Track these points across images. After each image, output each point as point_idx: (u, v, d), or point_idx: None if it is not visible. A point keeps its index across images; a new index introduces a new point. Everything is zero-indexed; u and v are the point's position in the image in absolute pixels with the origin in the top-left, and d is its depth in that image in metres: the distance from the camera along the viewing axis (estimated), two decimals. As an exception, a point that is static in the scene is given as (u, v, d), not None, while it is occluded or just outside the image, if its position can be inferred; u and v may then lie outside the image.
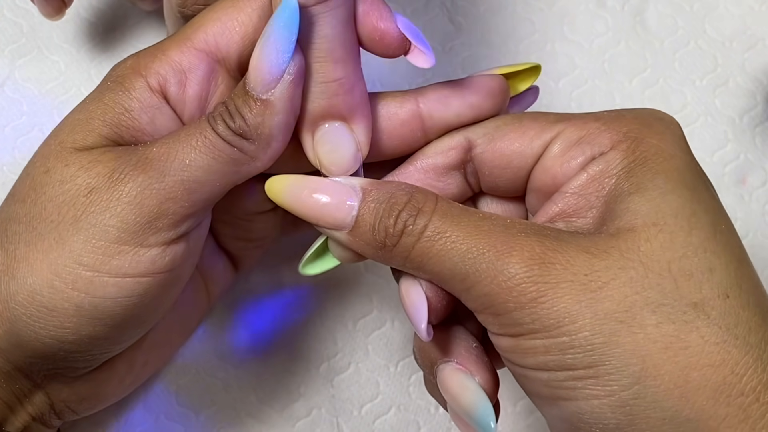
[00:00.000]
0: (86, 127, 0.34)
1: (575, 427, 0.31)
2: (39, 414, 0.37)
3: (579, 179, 0.33)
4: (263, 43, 0.33)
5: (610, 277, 0.30)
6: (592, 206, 0.33)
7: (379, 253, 0.33)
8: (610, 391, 0.30)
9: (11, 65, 0.49)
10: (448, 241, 0.32)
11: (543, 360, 0.31)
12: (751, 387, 0.29)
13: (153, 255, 0.33)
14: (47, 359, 0.34)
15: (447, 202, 0.33)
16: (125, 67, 0.36)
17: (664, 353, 0.29)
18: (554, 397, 0.31)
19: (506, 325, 0.31)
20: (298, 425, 0.46)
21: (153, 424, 0.45)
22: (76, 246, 0.32)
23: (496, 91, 0.36)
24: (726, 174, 0.52)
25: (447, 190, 0.37)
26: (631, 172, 0.33)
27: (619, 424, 0.30)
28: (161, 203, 0.33)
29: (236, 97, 0.34)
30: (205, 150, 0.33)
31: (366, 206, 0.33)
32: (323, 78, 0.34)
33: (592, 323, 0.30)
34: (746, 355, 0.29)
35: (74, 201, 0.33)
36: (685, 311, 0.30)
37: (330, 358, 0.47)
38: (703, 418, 0.29)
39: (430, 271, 0.32)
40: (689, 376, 0.29)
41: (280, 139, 0.34)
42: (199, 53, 0.35)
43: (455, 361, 0.35)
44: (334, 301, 0.48)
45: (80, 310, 0.33)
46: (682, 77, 0.54)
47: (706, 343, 0.29)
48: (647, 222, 0.31)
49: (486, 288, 0.31)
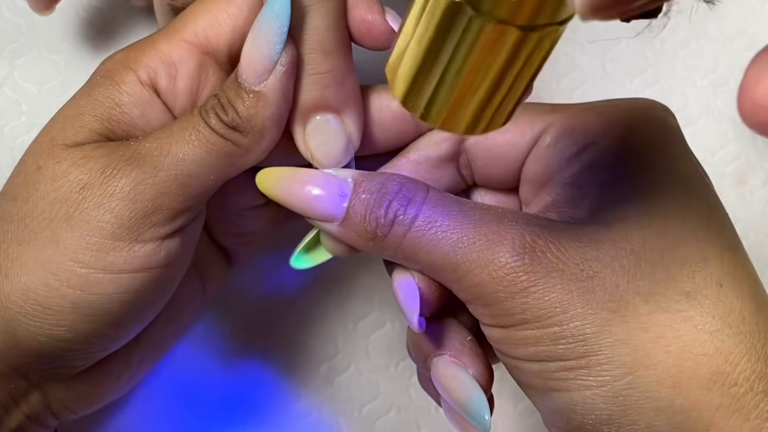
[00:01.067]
0: (77, 123, 0.34)
1: (567, 418, 0.31)
2: (35, 414, 0.36)
3: (572, 169, 0.33)
4: (255, 34, 0.33)
5: (602, 267, 0.30)
6: (585, 196, 0.33)
7: (370, 244, 0.33)
8: (602, 381, 0.29)
9: (10, 65, 0.49)
10: (439, 231, 0.32)
11: (534, 351, 0.30)
12: (744, 376, 0.29)
13: (148, 250, 0.33)
14: (43, 358, 0.34)
15: (438, 192, 0.33)
16: (114, 61, 0.36)
17: (656, 343, 0.29)
18: (546, 388, 0.31)
19: (497, 315, 0.31)
20: (299, 425, 0.46)
21: (153, 424, 0.45)
22: (70, 243, 0.32)
23: None
24: (727, 174, 0.52)
25: (440, 182, 0.37)
26: (624, 162, 0.32)
27: (611, 415, 0.30)
28: (155, 198, 0.33)
29: (228, 89, 0.34)
30: (198, 144, 0.33)
31: (357, 197, 0.33)
32: (314, 69, 0.34)
33: (583, 313, 0.30)
34: (740, 344, 0.29)
35: (67, 198, 0.33)
36: (678, 300, 0.30)
37: (330, 359, 0.47)
38: (697, 408, 0.29)
39: (421, 261, 0.32)
40: (682, 366, 0.29)
41: (273, 131, 0.34)
42: (189, 46, 0.35)
43: (449, 354, 0.34)
44: (334, 301, 0.48)
45: (76, 308, 0.33)
46: (683, 77, 0.54)
47: (699, 333, 0.29)
48: (639, 211, 0.31)
49: (476, 278, 0.31)
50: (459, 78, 0.25)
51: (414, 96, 0.26)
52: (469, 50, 0.24)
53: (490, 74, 0.25)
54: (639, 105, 0.34)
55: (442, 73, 0.25)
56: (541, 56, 0.24)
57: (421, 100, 0.26)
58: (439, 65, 0.25)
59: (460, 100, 0.25)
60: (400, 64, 0.26)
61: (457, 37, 0.24)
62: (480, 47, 0.24)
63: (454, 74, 0.25)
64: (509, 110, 0.27)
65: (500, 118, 0.27)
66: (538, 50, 0.24)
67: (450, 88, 0.25)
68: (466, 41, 0.24)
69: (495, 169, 0.36)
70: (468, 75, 0.25)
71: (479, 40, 0.23)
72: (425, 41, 0.25)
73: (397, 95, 0.27)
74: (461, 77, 0.25)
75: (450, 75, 0.25)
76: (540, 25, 0.23)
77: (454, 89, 0.25)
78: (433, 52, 0.25)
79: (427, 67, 0.25)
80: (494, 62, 0.24)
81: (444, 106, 0.26)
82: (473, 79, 0.25)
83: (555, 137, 0.34)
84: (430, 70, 0.25)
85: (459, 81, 0.25)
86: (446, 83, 0.25)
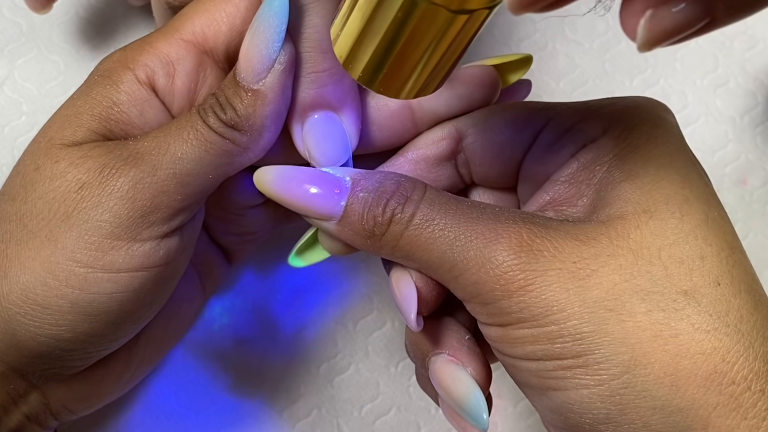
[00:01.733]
0: (75, 123, 0.34)
1: (565, 417, 0.31)
2: (34, 414, 0.36)
3: (570, 167, 0.33)
4: (253, 32, 0.33)
5: (599, 265, 0.30)
6: (583, 194, 0.33)
7: (368, 243, 0.33)
8: (599, 380, 0.29)
9: (11, 65, 0.49)
10: (436, 229, 0.32)
11: (532, 350, 0.30)
12: (742, 375, 0.29)
13: (147, 249, 0.33)
14: (43, 358, 0.34)
15: (436, 190, 0.33)
16: (112, 60, 0.36)
17: (653, 341, 0.29)
18: (544, 387, 0.31)
19: (494, 314, 0.31)
20: (298, 425, 0.46)
21: (153, 424, 0.45)
22: (68, 243, 0.32)
23: (487, 82, 0.36)
24: (726, 174, 0.52)
25: (438, 181, 0.37)
26: (623, 159, 0.32)
27: (608, 414, 0.29)
28: (154, 197, 0.33)
29: (226, 87, 0.34)
30: (197, 143, 0.33)
31: (354, 196, 0.33)
32: (312, 68, 0.34)
33: (580, 312, 0.29)
34: (737, 343, 0.29)
35: (65, 197, 0.33)
36: (675, 299, 0.30)
37: (330, 359, 0.47)
38: (694, 407, 0.29)
39: (419, 260, 0.32)
40: (680, 365, 0.29)
41: (272, 130, 0.34)
42: (187, 44, 0.35)
43: (447, 353, 0.34)
44: (334, 301, 0.48)
45: (75, 307, 0.33)
46: (683, 77, 0.54)
47: (696, 331, 0.29)
48: (638, 209, 0.31)
49: (474, 276, 0.31)
50: (395, 49, 0.27)
51: (353, 59, 0.29)
52: (405, 26, 0.26)
53: (424, 47, 0.27)
54: (637, 103, 0.34)
55: (379, 43, 0.28)
56: (472, 32, 0.27)
57: (359, 64, 0.29)
58: (377, 35, 0.27)
59: (395, 68, 0.28)
60: (343, 29, 0.28)
61: (395, 13, 0.26)
62: (415, 24, 0.26)
63: (391, 45, 0.27)
64: (441, 78, 0.30)
65: (432, 85, 0.30)
66: (468, 28, 0.27)
67: (386, 57, 0.28)
68: (403, 17, 0.26)
69: (493, 167, 0.36)
70: (403, 47, 0.27)
71: (414, 17, 0.26)
72: (367, 12, 0.27)
73: (338, 56, 0.29)
74: (397, 48, 0.27)
75: (387, 45, 0.27)
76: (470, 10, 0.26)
77: (390, 58, 0.28)
78: (373, 24, 0.27)
79: (367, 37, 0.28)
80: (428, 37, 0.27)
81: (380, 72, 0.28)
82: (408, 51, 0.27)
83: (553, 135, 0.34)
84: (370, 39, 0.28)
85: (395, 51, 0.28)
86: (383, 52, 0.28)
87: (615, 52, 0.54)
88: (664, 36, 0.23)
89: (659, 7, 0.22)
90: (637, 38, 0.23)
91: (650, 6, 0.23)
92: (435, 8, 0.25)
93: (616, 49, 0.54)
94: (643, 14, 0.23)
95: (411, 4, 0.26)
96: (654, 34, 0.23)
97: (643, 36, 0.23)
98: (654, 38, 0.23)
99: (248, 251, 0.45)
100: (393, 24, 0.26)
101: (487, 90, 0.36)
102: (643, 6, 0.23)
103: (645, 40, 0.23)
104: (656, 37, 0.23)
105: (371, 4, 0.27)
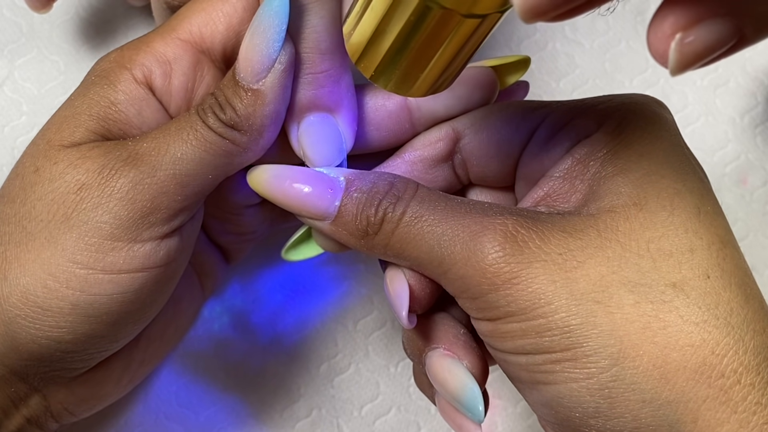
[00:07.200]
0: (73, 123, 0.34)
1: (555, 411, 0.30)
2: (35, 417, 0.36)
3: (564, 163, 0.33)
4: (253, 31, 0.33)
5: (587, 257, 0.30)
6: (576, 189, 0.33)
7: (361, 243, 0.33)
8: (588, 373, 0.29)
9: (10, 65, 0.49)
10: (425, 225, 0.32)
11: (521, 344, 0.30)
12: (732, 368, 0.29)
13: (147, 250, 0.33)
14: (43, 361, 0.34)
15: (427, 189, 0.33)
16: (109, 60, 0.36)
17: (642, 333, 0.29)
18: (534, 382, 0.31)
19: (483, 308, 0.31)
20: (299, 425, 0.46)
21: (153, 424, 0.45)
22: (68, 244, 0.32)
23: (485, 83, 0.36)
24: (726, 174, 0.52)
25: (435, 182, 0.37)
26: (616, 155, 0.32)
27: (598, 408, 0.29)
28: (154, 198, 0.33)
29: (226, 87, 0.34)
30: (196, 143, 0.33)
31: (348, 196, 0.33)
32: (310, 69, 0.34)
33: (568, 304, 0.29)
34: (727, 336, 0.29)
35: (64, 199, 0.33)
36: (664, 291, 0.29)
37: (330, 359, 0.47)
38: (683, 400, 0.29)
39: (409, 257, 0.32)
40: (668, 357, 0.29)
41: (271, 129, 0.34)
42: (184, 44, 0.35)
43: (443, 347, 0.34)
44: (334, 301, 0.48)
45: (76, 309, 0.33)
46: (683, 77, 0.54)
47: (685, 323, 0.29)
48: (628, 202, 0.31)
49: (461, 270, 0.31)
50: (407, 50, 0.28)
51: (366, 59, 0.29)
52: (418, 29, 0.27)
53: (435, 49, 0.28)
54: (632, 99, 0.34)
55: (392, 44, 0.28)
56: (482, 35, 0.28)
57: (371, 63, 0.29)
58: (390, 37, 0.28)
59: (407, 69, 0.29)
60: (356, 28, 0.29)
61: (408, 17, 0.27)
62: (427, 27, 0.27)
63: (404, 47, 0.28)
64: (452, 78, 0.30)
65: (442, 85, 0.30)
66: (479, 31, 0.27)
67: (399, 58, 0.29)
68: (416, 21, 0.27)
69: (491, 166, 0.36)
70: (415, 49, 0.28)
71: (427, 21, 0.27)
72: (381, 14, 0.28)
73: (351, 55, 0.30)
74: (409, 50, 0.28)
75: (400, 47, 0.28)
76: (481, 14, 0.26)
77: (403, 59, 0.29)
78: (387, 26, 0.28)
79: (380, 38, 0.28)
80: (439, 40, 0.27)
81: (393, 72, 0.29)
82: (420, 53, 0.28)
83: (549, 132, 0.34)
84: (383, 40, 0.28)
85: (407, 53, 0.28)
86: (396, 53, 0.28)
87: (615, 52, 0.54)
88: (695, 58, 0.23)
89: (688, 30, 0.22)
90: (669, 62, 0.23)
91: (679, 29, 0.22)
92: (447, 12, 0.26)
93: (616, 49, 0.54)
94: (672, 38, 0.23)
95: (424, 8, 0.26)
96: (686, 57, 0.23)
97: (675, 60, 0.23)
98: (686, 61, 0.23)
99: (246, 251, 0.45)
100: (406, 27, 0.27)
101: (486, 91, 0.36)
102: (672, 29, 0.23)
103: (677, 63, 0.23)
104: (688, 59, 0.23)
105: (385, 5, 0.27)
